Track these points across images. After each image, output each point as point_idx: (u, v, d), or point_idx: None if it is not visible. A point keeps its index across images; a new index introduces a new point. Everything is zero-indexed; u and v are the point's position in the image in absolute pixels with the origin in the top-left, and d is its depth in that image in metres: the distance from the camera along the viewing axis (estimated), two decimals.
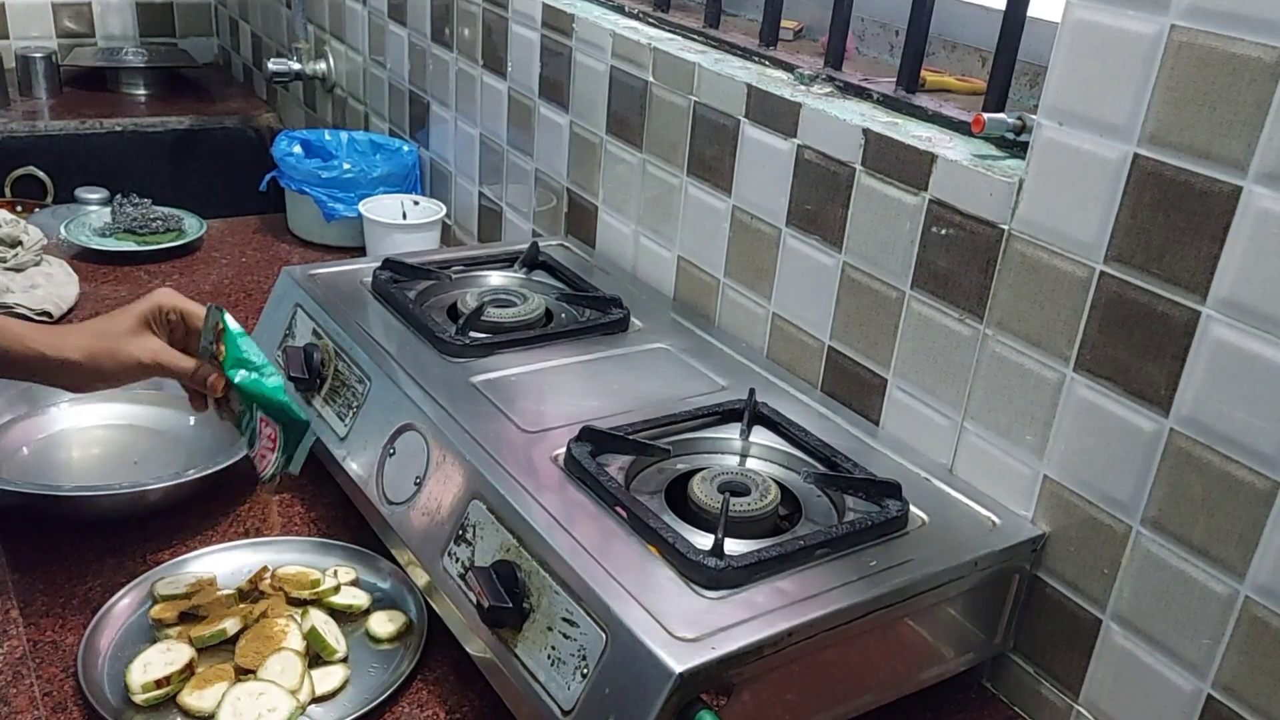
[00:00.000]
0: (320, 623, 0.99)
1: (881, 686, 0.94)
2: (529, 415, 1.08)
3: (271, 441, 1.02)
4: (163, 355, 1.02)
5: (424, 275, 1.37)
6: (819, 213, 1.17)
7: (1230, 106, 0.79)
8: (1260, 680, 0.84)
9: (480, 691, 0.97)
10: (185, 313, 1.04)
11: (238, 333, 1.02)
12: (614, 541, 0.90)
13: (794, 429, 1.08)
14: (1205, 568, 0.86)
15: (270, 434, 1.02)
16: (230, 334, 1.02)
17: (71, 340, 1.00)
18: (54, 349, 0.99)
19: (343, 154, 1.99)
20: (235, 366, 1.01)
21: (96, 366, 1.00)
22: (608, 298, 1.33)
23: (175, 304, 1.04)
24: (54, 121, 2.47)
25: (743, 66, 1.30)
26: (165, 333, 1.04)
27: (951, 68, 1.35)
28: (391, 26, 2.01)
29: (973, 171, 1.00)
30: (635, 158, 1.44)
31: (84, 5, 2.84)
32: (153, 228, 1.88)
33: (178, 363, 1.03)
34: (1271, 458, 0.81)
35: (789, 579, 0.88)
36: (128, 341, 1.01)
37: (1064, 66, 0.90)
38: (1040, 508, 0.99)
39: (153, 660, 0.94)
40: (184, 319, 1.04)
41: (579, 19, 1.49)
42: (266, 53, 2.63)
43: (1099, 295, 0.91)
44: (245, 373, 1.01)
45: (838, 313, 1.17)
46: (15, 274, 1.61)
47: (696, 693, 0.79)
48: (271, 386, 1.01)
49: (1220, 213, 0.81)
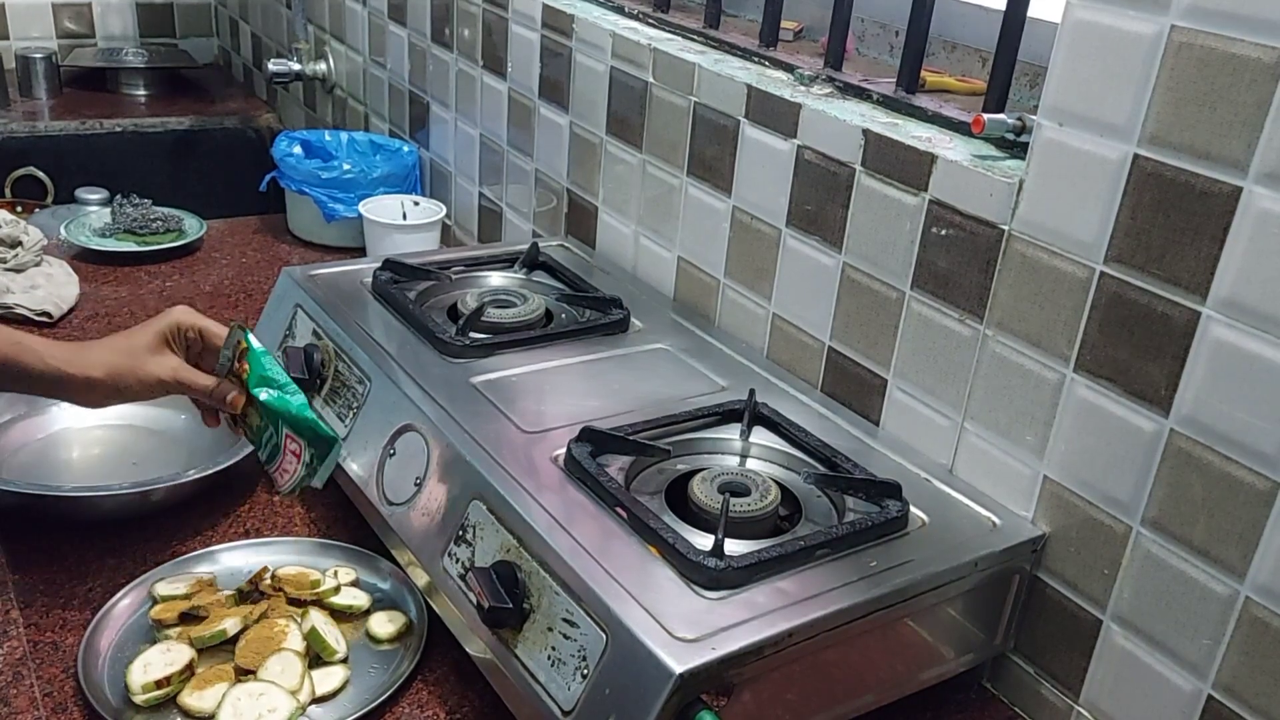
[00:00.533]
0: (320, 623, 0.99)
1: (882, 687, 0.94)
2: (529, 416, 1.08)
3: (296, 457, 1.03)
4: (182, 373, 1.03)
5: (424, 276, 1.37)
6: (819, 213, 1.17)
7: (1230, 107, 0.79)
8: (1260, 680, 0.84)
9: (480, 692, 0.97)
10: (204, 330, 1.06)
11: (261, 351, 1.04)
12: (614, 542, 0.90)
13: (794, 429, 1.08)
14: (1205, 568, 0.86)
15: (295, 450, 1.03)
16: (254, 352, 1.03)
17: (93, 357, 1.01)
18: (76, 366, 1.00)
19: (343, 154, 1.99)
20: (260, 385, 1.02)
21: (117, 384, 1.01)
22: (608, 298, 1.33)
23: (194, 322, 1.05)
24: (54, 122, 2.47)
25: (743, 67, 1.30)
26: (183, 350, 1.05)
27: (951, 68, 1.35)
28: (391, 27, 2.01)
29: (973, 172, 1.00)
30: (635, 158, 1.44)
31: (84, 5, 2.85)
32: (153, 228, 1.88)
33: (198, 381, 1.04)
34: (1271, 458, 0.81)
35: (789, 579, 0.88)
36: (148, 359, 1.02)
37: (1064, 67, 0.90)
38: (1040, 508, 0.99)
39: (153, 661, 0.94)
40: (202, 336, 1.06)
41: (579, 19, 1.50)
42: (266, 53, 2.63)
43: (1099, 295, 0.91)
44: (270, 391, 1.02)
45: (838, 313, 1.17)
46: (15, 274, 1.61)
47: (697, 693, 0.79)
48: (297, 405, 1.02)
49: (1220, 213, 0.81)
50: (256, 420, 1.05)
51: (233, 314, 1.65)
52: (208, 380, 1.04)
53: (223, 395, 1.04)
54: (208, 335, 1.06)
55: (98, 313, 1.62)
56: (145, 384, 1.02)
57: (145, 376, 1.02)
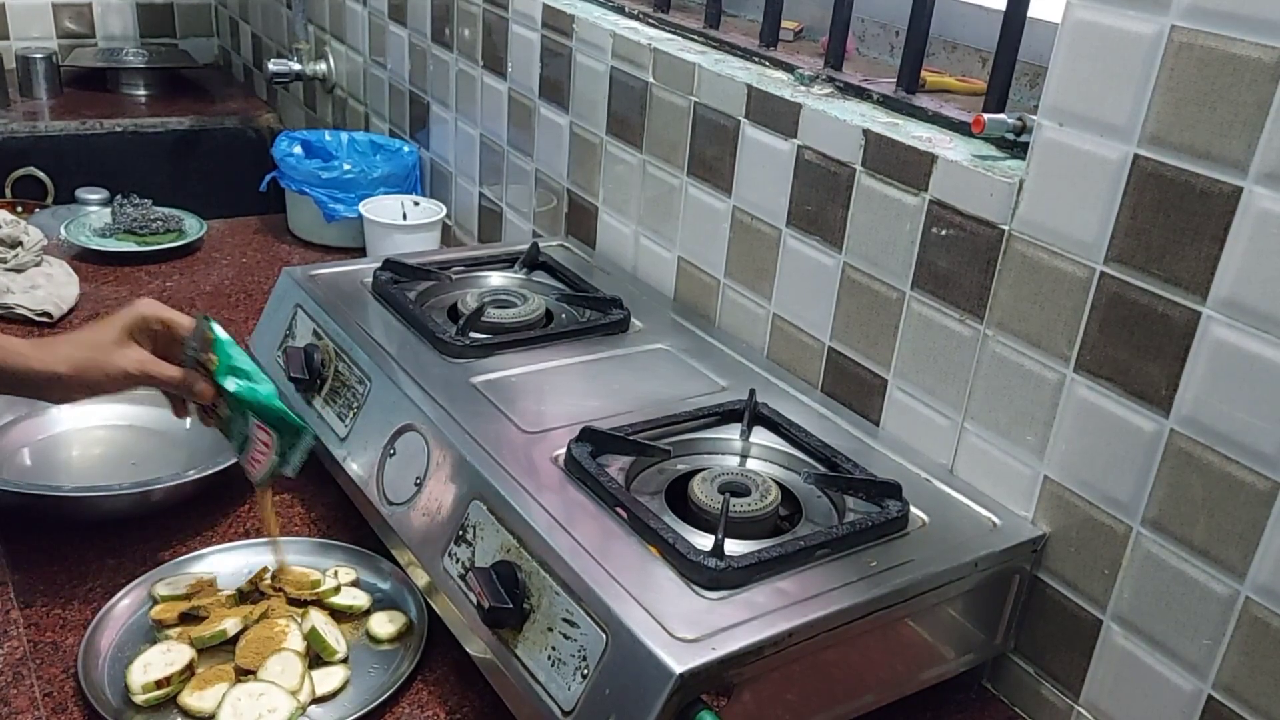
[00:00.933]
0: (320, 623, 0.99)
1: (882, 687, 0.94)
2: (529, 416, 1.08)
3: (266, 447, 1.02)
4: (149, 365, 1.02)
5: (424, 276, 1.37)
6: (819, 213, 1.17)
7: (1230, 107, 0.79)
8: (1260, 680, 0.84)
9: (480, 692, 0.97)
10: (169, 321, 1.04)
11: (228, 340, 1.03)
12: (614, 542, 0.90)
13: (794, 429, 1.08)
14: (1205, 568, 0.86)
15: (265, 440, 1.02)
16: (220, 342, 1.02)
17: (59, 352, 1.00)
18: (40, 361, 0.99)
19: (343, 154, 1.99)
20: (228, 374, 1.01)
21: (83, 379, 1.00)
22: (608, 298, 1.33)
23: (159, 314, 1.04)
24: (54, 122, 2.47)
25: (743, 67, 1.30)
26: (149, 342, 1.04)
27: (951, 68, 1.35)
28: (392, 27, 2.01)
29: (973, 172, 1.00)
30: (635, 158, 1.44)
31: (84, 6, 2.85)
32: (153, 228, 1.88)
33: (165, 372, 1.03)
34: (1271, 458, 0.81)
35: (789, 579, 0.88)
36: (113, 352, 1.01)
37: (1064, 67, 0.90)
38: (1040, 508, 0.99)
39: (153, 661, 0.94)
40: (168, 327, 1.04)
41: (579, 19, 1.50)
42: (267, 53, 2.63)
43: (1099, 295, 0.91)
44: (238, 380, 1.01)
45: (838, 313, 1.17)
46: (15, 274, 1.61)
47: (697, 693, 0.79)
48: (265, 393, 1.01)
49: (1220, 213, 0.81)
50: (226, 411, 1.04)
51: (234, 314, 1.65)
52: (175, 371, 1.03)
53: (190, 385, 1.03)
54: (174, 327, 1.04)
55: (98, 312, 1.62)
56: (111, 377, 1.01)
57: (111, 369, 1.00)
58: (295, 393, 1.23)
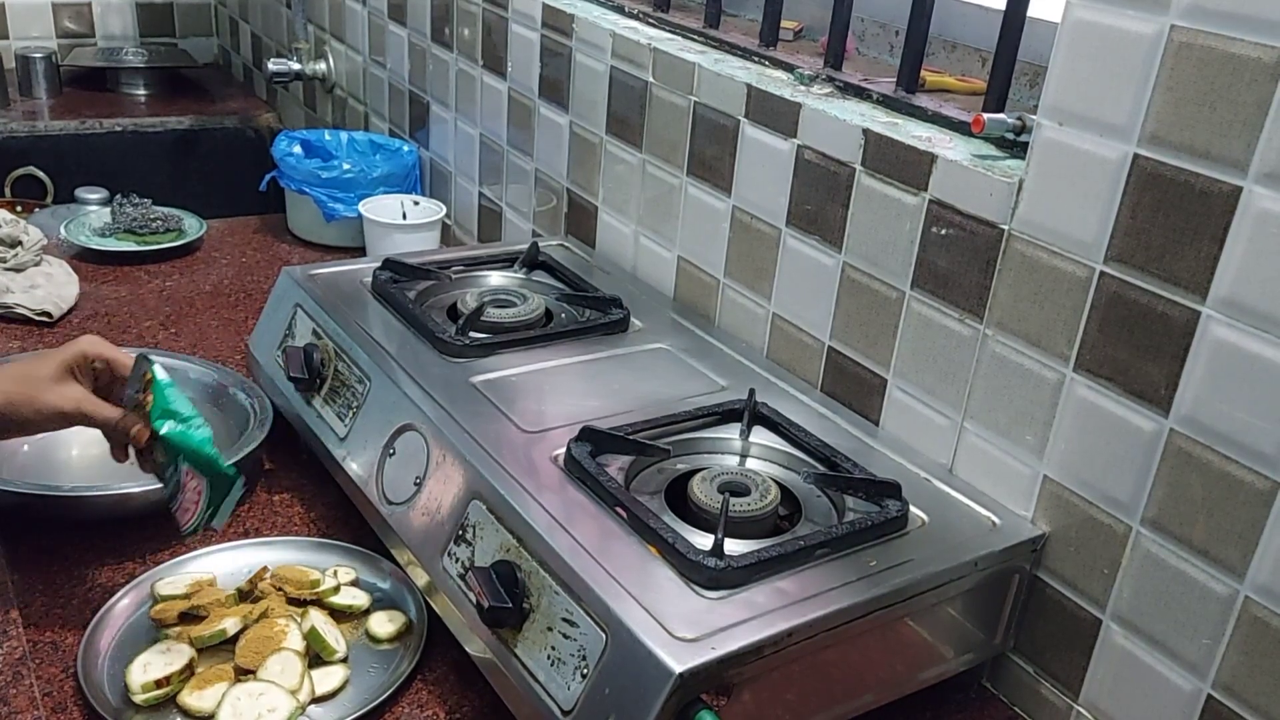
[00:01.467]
0: (320, 623, 0.99)
1: (881, 686, 0.94)
2: (529, 415, 1.08)
3: (197, 494, 0.98)
4: (85, 404, 0.98)
5: (424, 275, 1.37)
6: (819, 213, 1.17)
7: (1230, 106, 0.79)
8: (1260, 680, 0.84)
9: (480, 692, 0.97)
10: (111, 360, 1.01)
11: (166, 383, 0.98)
12: (614, 541, 0.90)
13: (794, 429, 1.08)
14: (1205, 568, 0.86)
15: (196, 487, 0.98)
16: (159, 384, 0.98)
17: None
18: None
19: (343, 154, 1.99)
20: (162, 418, 0.97)
21: (14, 415, 0.96)
22: (608, 298, 1.33)
23: (100, 352, 1.01)
24: (54, 121, 2.47)
25: (743, 66, 1.30)
26: (90, 381, 1.01)
27: (951, 68, 1.35)
28: (391, 26, 2.01)
29: (973, 171, 1.00)
30: (635, 158, 1.44)
31: (84, 5, 2.84)
32: (153, 228, 1.88)
33: (101, 412, 0.99)
34: (1271, 458, 0.81)
35: (789, 579, 0.88)
36: (48, 389, 0.97)
37: (1064, 66, 0.90)
38: (1040, 508, 0.99)
39: (152, 660, 0.94)
40: (110, 367, 1.01)
41: (579, 19, 1.50)
42: (266, 53, 2.63)
43: (1099, 295, 0.91)
44: (172, 424, 0.97)
45: (838, 313, 1.17)
46: (15, 274, 1.61)
47: (696, 693, 0.79)
48: (199, 439, 0.97)
49: (1220, 213, 0.81)
50: (161, 456, 0.99)
51: (233, 314, 1.65)
52: (112, 412, 0.99)
53: (126, 429, 0.98)
54: (116, 366, 1.01)
55: (97, 312, 1.62)
56: (44, 415, 0.97)
57: (43, 407, 0.96)
58: (295, 392, 1.23)
